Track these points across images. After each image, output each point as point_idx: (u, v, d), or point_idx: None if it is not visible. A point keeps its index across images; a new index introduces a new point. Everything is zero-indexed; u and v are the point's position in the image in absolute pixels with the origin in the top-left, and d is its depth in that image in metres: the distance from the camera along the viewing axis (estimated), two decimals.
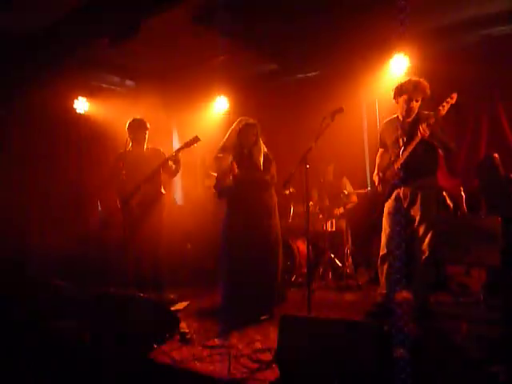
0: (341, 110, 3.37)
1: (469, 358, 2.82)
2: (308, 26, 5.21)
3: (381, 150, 4.12)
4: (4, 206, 5.46)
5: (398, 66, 5.50)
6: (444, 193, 5.08)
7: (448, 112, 3.48)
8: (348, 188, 5.38)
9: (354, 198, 5.35)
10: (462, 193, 4.96)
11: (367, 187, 5.72)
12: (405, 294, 3.82)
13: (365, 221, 4.12)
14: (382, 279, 3.89)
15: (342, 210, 5.35)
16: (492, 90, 5.22)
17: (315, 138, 3.32)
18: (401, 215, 3.79)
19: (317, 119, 3.46)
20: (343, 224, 5.28)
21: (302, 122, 6.35)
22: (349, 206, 5.34)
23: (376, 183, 3.97)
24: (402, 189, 3.74)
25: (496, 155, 4.68)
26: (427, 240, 3.66)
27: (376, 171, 4.01)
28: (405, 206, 3.76)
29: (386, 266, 3.86)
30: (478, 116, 5.30)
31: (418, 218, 3.69)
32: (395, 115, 3.92)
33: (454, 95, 3.45)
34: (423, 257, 3.66)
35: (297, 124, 6.50)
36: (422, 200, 3.66)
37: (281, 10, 4.83)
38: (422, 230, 3.66)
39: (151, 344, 3.15)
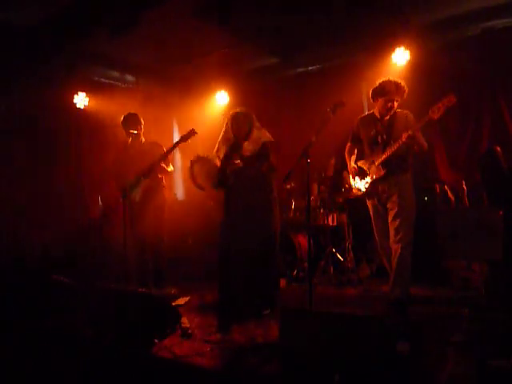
0: (342, 104, 3.37)
1: (469, 352, 2.81)
2: (308, 20, 5.18)
3: (350, 144, 4.20)
4: (4, 200, 5.46)
5: (399, 60, 5.48)
6: (446, 186, 5.07)
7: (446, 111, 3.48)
8: (349, 182, 5.35)
9: (356, 192, 5.32)
10: (464, 186, 4.95)
11: None
12: None
13: (366, 215, 4.13)
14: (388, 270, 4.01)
15: (341, 199, 5.31)
16: (494, 83, 5.19)
17: (316, 132, 3.32)
18: (383, 211, 3.90)
19: (318, 113, 3.46)
20: (344, 218, 5.27)
21: (302, 115, 6.34)
22: (350, 199, 5.31)
23: (355, 192, 4.10)
24: (381, 185, 3.84)
25: (498, 148, 4.64)
26: (402, 232, 3.70)
27: (352, 175, 4.10)
28: (383, 200, 3.88)
29: (384, 260, 4.04)
30: (480, 109, 5.27)
31: (394, 212, 3.77)
32: (371, 112, 4.02)
33: (453, 98, 3.42)
34: (399, 248, 3.68)
35: (298, 118, 6.49)
36: (399, 195, 3.76)
37: (281, 3, 4.79)
38: (397, 222, 3.72)
39: (152, 339, 3.14)
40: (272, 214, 3.94)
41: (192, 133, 4.29)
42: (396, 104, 3.79)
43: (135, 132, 4.55)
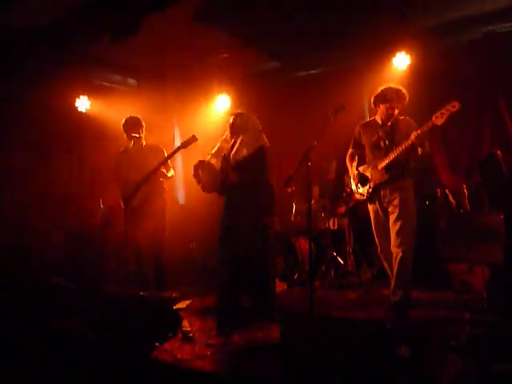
0: (342, 108, 3.37)
1: (471, 356, 2.81)
2: (309, 24, 5.20)
3: (351, 150, 4.22)
4: (5, 204, 5.47)
5: (400, 64, 5.49)
6: (446, 190, 5.07)
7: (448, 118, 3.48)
8: (351, 186, 5.36)
9: (358, 197, 5.33)
10: (465, 190, 4.94)
11: None
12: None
13: (367, 219, 4.14)
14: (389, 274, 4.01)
15: (343, 209, 5.33)
16: (494, 87, 5.20)
17: (317, 136, 3.32)
18: (384, 215, 3.90)
19: (319, 117, 3.47)
20: (345, 222, 5.27)
21: (303, 119, 6.35)
22: (351, 203, 5.32)
23: (358, 196, 4.12)
24: (383, 189, 3.85)
25: (499, 152, 4.65)
26: (403, 236, 3.70)
27: (354, 181, 4.11)
28: (384, 204, 3.88)
29: (385, 264, 4.02)
30: (481, 113, 5.28)
31: (395, 216, 3.77)
32: (372, 118, 4.07)
33: (457, 104, 3.43)
34: (400, 252, 3.69)
35: (299, 121, 6.50)
36: (400, 199, 3.76)
37: (281, 7, 4.81)
38: (398, 226, 3.73)
39: (153, 342, 3.14)
40: (262, 222, 3.87)
41: (193, 139, 4.29)
42: (397, 111, 3.81)
43: (137, 135, 4.55)
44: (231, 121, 4.01)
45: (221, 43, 5.64)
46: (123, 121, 4.61)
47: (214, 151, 4.12)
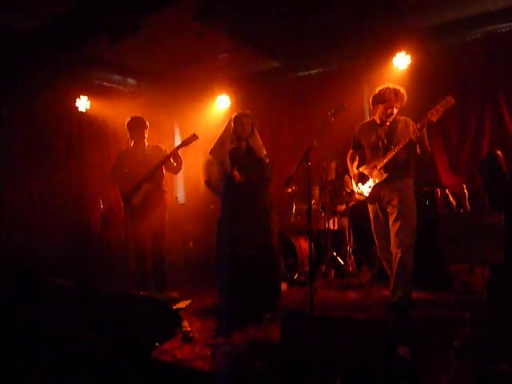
0: (342, 108, 3.38)
1: (471, 356, 2.81)
2: (309, 24, 5.20)
3: (351, 151, 4.22)
4: (6, 205, 5.47)
5: (400, 64, 5.49)
6: (447, 190, 5.07)
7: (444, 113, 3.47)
8: (350, 186, 5.36)
9: (359, 197, 5.33)
10: (465, 190, 4.95)
11: None
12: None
13: (367, 219, 4.14)
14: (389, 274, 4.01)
15: (343, 207, 5.34)
16: (495, 87, 5.20)
17: (317, 136, 3.32)
18: (383, 215, 3.89)
19: (319, 117, 3.48)
20: (345, 222, 5.27)
21: (304, 119, 6.35)
22: (351, 203, 5.32)
23: (358, 196, 4.12)
24: (382, 189, 3.84)
25: (499, 152, 4.66)
26: (402, 237, 3.69)
27: (355, 180, 4.12)
28: (383, 205, 3.87)
29: (384, 264, 4.03)
30: (481, 113, 5.28)
31: (394, 216, 3.76)
32: (371, 118, 4.06)
33: (451, 99, 3.42)
34: (399, 252, 3.69)
35: (299, 122, 6.50)
36: (399, 199, 3.75)
37: (282, 7, 4.81)
38: (397, 226, 3.72)
39: (153, 342, 3.14)
40: (270, 222, 3.98)
41: (193, 138, 4.33)
42: (395, 110, 3.81)
43: (140, 135, 4.56)
44: (240, 123, 4.04)
45: (221, 43, 5.63)
46: (128, 120, 4.62)
47: (209, 152, 4.16)
